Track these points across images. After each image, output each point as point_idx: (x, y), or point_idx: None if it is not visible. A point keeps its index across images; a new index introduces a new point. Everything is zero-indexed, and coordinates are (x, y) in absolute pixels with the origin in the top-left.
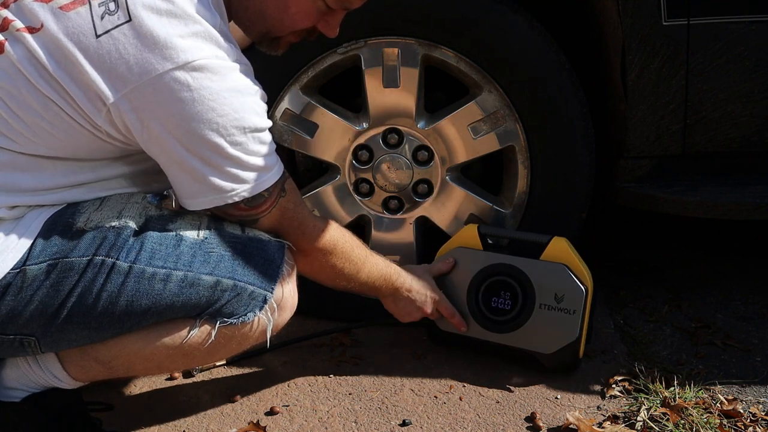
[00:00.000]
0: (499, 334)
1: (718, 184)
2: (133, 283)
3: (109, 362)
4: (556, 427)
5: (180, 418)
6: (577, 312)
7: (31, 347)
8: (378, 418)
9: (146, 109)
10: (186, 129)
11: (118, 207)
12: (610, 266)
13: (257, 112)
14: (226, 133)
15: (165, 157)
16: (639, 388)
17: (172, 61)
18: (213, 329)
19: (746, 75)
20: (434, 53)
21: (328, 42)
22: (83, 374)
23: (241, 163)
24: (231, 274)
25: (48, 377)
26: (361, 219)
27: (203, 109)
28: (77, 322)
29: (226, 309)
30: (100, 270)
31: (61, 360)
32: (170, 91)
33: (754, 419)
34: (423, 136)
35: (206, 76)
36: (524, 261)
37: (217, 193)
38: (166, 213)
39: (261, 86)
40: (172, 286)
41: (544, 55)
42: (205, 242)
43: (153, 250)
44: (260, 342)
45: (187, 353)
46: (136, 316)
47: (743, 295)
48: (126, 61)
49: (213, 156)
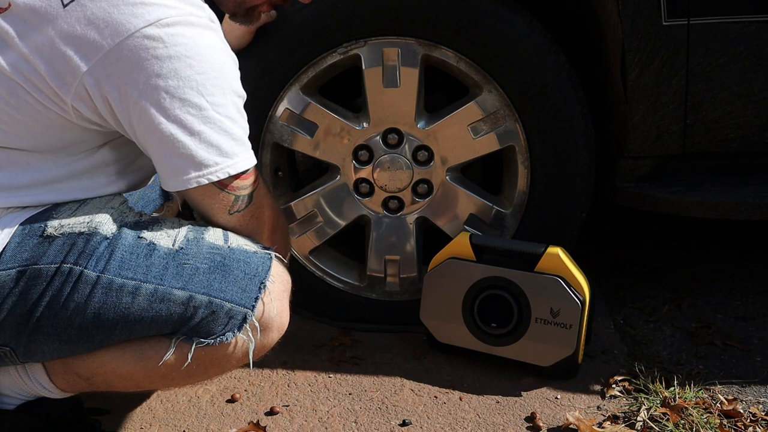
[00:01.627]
0: (495, 347)
1: (718, 184)
2: (100, 295)
3: (89, 378)
4: (556, 427)
5: (180, 418)
6: (574, 327)
7: (8, 357)
8: (378, 418)
9: (121, 73)
10: (163, 88)
11: (92, 212)
12: (610, 266)
13: (236, 76)
14: (206, 92)
15: (142, 128)
16: (639, 388)
17: (144, 19)
18: (189, 351)
19: (746, 75)
20: (434, 53)
21: (328, 42)
22: (68, 386)
23: (224, 130)
24: (206, 290)
25: (37, 387)
26: (361, 219)
27: (180, 66)
28: (47, 333)
29: (202, 328)
30: (67, 278)
31: (48, 371)
32: (144, 49)
33: (754, 419)
34: (423, 136)
35: (181, 32)
36: (519, 274)
37: (199, 168)
38: (144, 219)
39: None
40: (141, 299)
41: (544, 55)
42: (180, 253)
43: (123, 259)
44: (242, 364)
45: (164, 374)
46: (104, 329)
47: (743, 295)
48: (96, 26)
49: (193, 120)
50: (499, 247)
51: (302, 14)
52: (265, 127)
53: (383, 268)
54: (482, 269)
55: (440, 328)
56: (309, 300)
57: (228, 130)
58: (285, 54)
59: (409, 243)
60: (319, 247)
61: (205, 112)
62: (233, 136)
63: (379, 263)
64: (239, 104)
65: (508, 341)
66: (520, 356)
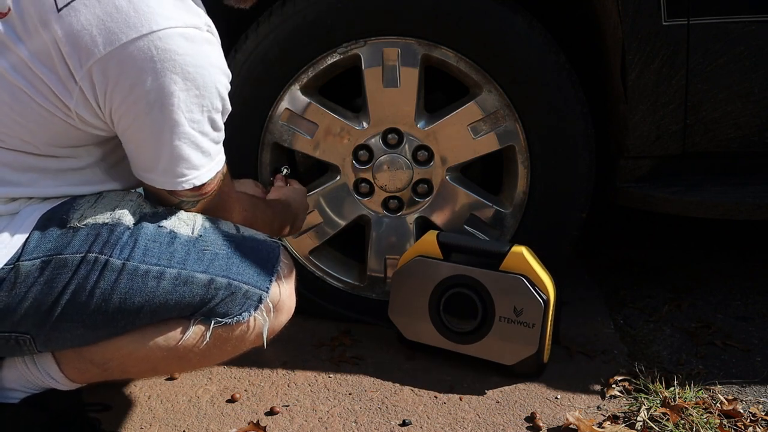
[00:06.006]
0: (461, 345)
1: (718, 184)
2: (126, 281)
3: (104, 364)
4: (556, 427)
5: (180, 418)
6: (536, 325)
7: (27, 345)
8: (378, 418)
9: (110, 82)
10: (146, 102)
11: (113, 204)
12: (610, 266)
13: (220, 92)
14: (187, 109)
15: (121, 129)
16: (639, 388)
17: (136, 29)
18: (207, 330)
19: (746, 75)
20: (434, 53)
21: (328, 42)
22: (79, 376)
23: (195, 144)
24: (225, 273)
25: (45, 378)
26: (361, 219)
27: (166, 82)
28: (71, 320)
29: (220, 308)
30: (93, 267)
31: (58, 361)
32: (134, 61)
33: (754, 419)
34: (423, 136)
35: (173, 46)
36: (483, 272)
37: (169, 176)
38: (161, 210)
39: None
40: (166, 283)
41: (544, 55)
42: (199, 240)
43: (146, 247)
44: (257, 345)
45: (182, 355)
46: (130, 314)
47: (743, 295)
48: (89, 33)
49: (171, 134)
50: (465, 246)
51: (302, 14)
52: (265, 127)
53: (383, 268)
54: (448, 267)
55: (408, 326)
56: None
57: (199, 145)
58: (285, 54)
59: (409, 243)
60: (319, 247)
61: (181, 128)
62: (202, 150)
63: (379, 263)
64: (218, 121)
65: (472, 339)
66: (485, 354)
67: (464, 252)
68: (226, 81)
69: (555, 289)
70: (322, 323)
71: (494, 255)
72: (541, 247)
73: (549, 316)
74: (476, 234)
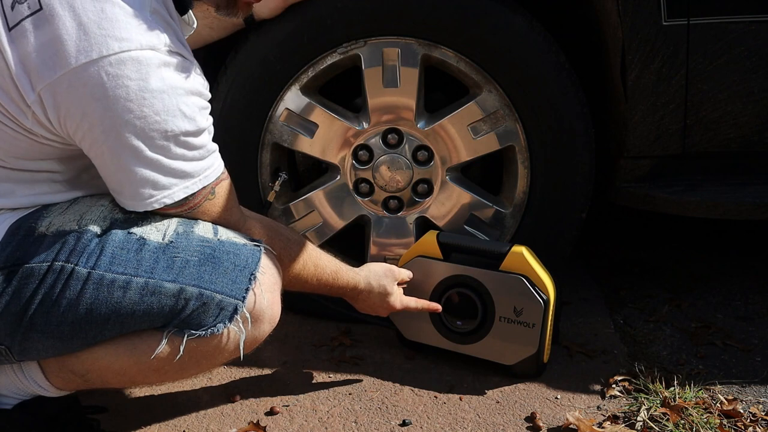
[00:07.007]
0: (461, 345)
1: (718, 184)
2: (92, 290)
3: (84, 375)
4: (556, 427)
5: (180, 418)
6: (536, 326)
7: (5, 355)
8: (378, 418)
9: (61, 106)
10: (102, 130)
11: (82, 210)
12: (610, 266)
13: (185, 114)
14: (145, 136)
15: (90, 155)
16: (639, 388)
17: (86, 54)
18: (181, 343)
19: (746, 75)
20: (434, 53)
21: (328, 42)
22: (65, 384)
23: (163, 169)
24: (196, 282)
25: (33, 386)
26: (361, 219)
27: (119, 110)
28: (41, 330)
29: (193, 320)
30: (59, 276)
31: (44, 370)
32: (84, 88)
33: (754, 419)
34: (423, 136)
35: (125, 72)
36: (483, 272)
37: (136, 199)
38: (133, 216)
39: (203, 78)
40: (132, 293)
41: (544, 55)
42: (170, 246)
43: (113, 255)
44: (235, 357)
45: (157, 368)
46: (97, 324)
47: (743, 295)
48: (39, 55)
49: (131, 160)
50: (465, 246)
51: (302, 14)
52: (265, 127)
53: None
54: (448, 267)
55: (408, 326)
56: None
57: (166, 167)
58: (285, 54)
59: (409, 243)
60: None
61: (142, 153)
62: (172, 172)
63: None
64: (189, 141)
65: (472, 339)
66: (485, 354)
67: (464, 252)
68: (196, 99)
69: (555, 289)
70: (322, 323)
71: (494, 255)
72: (541, 247)
73: (549, 317)
74: (476, 234)
